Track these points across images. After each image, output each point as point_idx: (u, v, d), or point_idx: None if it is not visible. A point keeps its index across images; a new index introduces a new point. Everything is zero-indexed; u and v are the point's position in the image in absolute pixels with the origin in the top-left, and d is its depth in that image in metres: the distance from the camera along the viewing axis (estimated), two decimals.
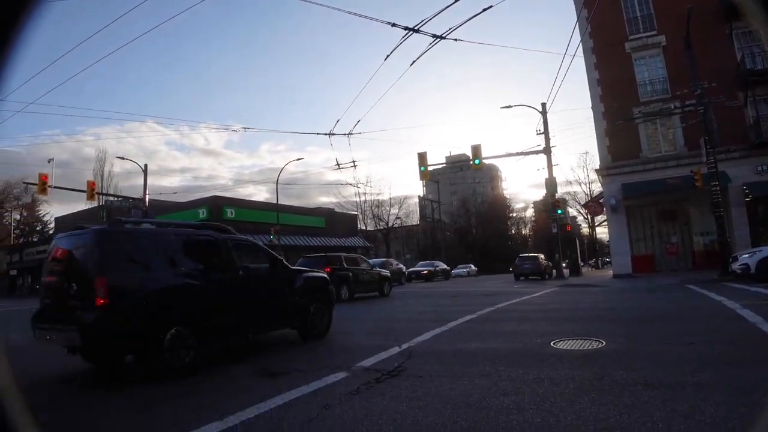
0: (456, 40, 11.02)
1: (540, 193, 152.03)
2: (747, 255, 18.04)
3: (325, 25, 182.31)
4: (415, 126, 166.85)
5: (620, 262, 26.26)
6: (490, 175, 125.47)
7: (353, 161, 28.58)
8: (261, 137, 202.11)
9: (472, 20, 11.01)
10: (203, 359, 6.92)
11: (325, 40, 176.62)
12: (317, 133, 53.85)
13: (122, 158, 43.45)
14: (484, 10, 10.21)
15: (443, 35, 10.59)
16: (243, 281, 7.78)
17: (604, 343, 6.98)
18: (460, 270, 53.97)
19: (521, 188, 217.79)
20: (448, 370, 5.85)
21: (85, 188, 35.10)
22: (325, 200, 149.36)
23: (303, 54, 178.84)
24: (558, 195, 31.20)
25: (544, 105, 28.27)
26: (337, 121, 53.63)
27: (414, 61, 12.53)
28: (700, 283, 18.28)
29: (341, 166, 37.40)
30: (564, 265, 33.96)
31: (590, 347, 6.82)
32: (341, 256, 19.84)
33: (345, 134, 21.87)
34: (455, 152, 78.15)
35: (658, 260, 27.87)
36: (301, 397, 4.89)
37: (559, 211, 29.81)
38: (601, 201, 28.64)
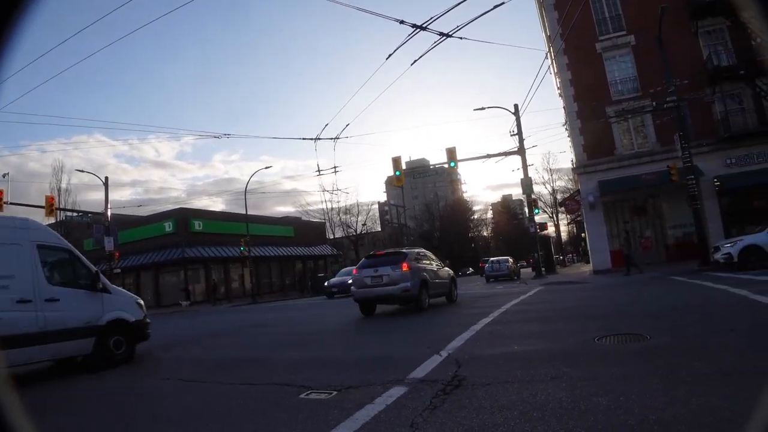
0: (461, 38, 10.81)
1: (497, 195, 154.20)
2: (729, 245, 18.48)
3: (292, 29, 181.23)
4: (379, 132, 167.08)
5: (599, 258, 26.56)
6: (450, 178, 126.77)
7: (335, 167, 27.97)
8: (213, 148, 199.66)
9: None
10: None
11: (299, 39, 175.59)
12: (303, 138, 52.76)
13: (82, 171, 42.23)
14: (495, 6, 10.05)
15: (450, 33, 10.37)
16: None
17: (649, 337, 6.83)
18: None
19: (478, 190, 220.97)
20: (510, 375, 5.54)
21: (39, 203, 33.59)
22: (282, 209, 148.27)
23: (267, 56, 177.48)
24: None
25: (516, 106, 28.47)
26: (326, 125, 53.19)
27: (415, 61, 12.30)
28: (685, 274, 18.58)
29: (321, 172, 37.03)
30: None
31: (639, 342, 6.66)
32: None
33: (332, 138, 21.49)
34: (414, 157, 78.80)
35: (634, 255, 28.34)
36: (377, 416, 4.49)
37: (537, 211, 30.02)
38: (577, 198, 28.96)
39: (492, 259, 39.13)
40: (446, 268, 16.66)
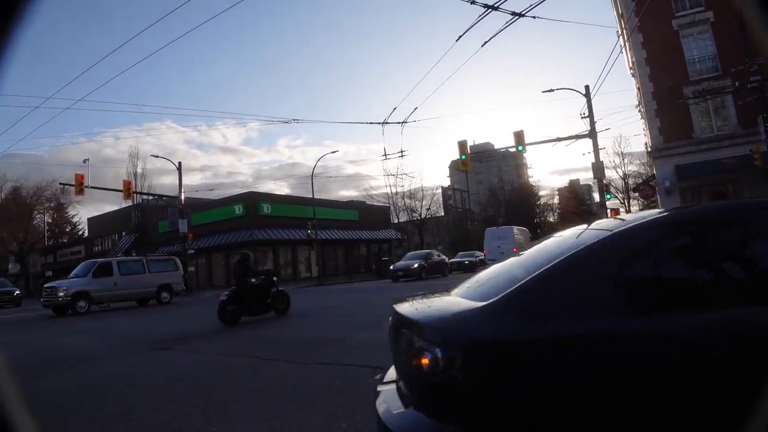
0: (535, 17, 10.65)
1: (563, 180, 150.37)
2: None
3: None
4: (444, 115, 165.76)
5: None
6: (515, 162, 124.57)
7: (401, 151, 28.20)
8: (278, 133, 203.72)
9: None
10: None
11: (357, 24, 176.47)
12: (371, 123, 53.97)
13: (156, 156, 43.64)
14: None
15: (523, 12, 10.23)
16: None
17: None
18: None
19: (543, 175, 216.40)
20: None
21: (115, 187, 35.39)
22: (345, 194, 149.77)
23: (323, 40, 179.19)
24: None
25: (587, 88, 27.58)
26: (394, 109, 53.05)
27: (487, 42, 12.21)
28: None
29: (388, 156, 37.25)
30: None
31: None
32: None
33: (399, 123, 21.60)
34: (479, 141, 77.56)
35: None
36: None
37: (608, 196, 29.22)
38: (652, 183, 27.96)
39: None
40: None
